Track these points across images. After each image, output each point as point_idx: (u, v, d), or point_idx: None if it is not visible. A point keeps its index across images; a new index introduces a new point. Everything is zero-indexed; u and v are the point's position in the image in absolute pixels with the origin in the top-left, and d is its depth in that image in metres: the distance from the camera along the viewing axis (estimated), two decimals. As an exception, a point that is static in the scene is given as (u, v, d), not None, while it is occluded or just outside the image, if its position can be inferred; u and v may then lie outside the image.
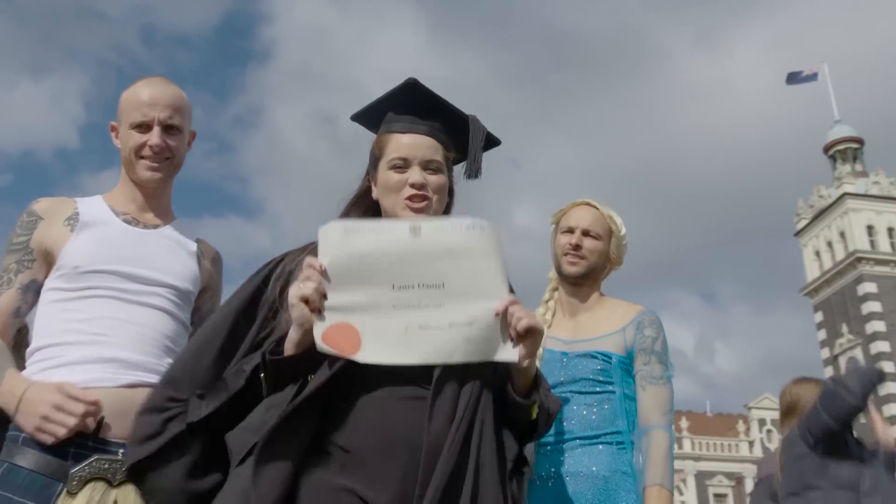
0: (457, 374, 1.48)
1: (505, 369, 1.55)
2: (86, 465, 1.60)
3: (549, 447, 2.25)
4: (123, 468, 1.60)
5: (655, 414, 2.20)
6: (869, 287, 42.99)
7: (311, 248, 1.59)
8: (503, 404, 1.56)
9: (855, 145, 49.21)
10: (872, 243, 44.67)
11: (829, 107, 50.41)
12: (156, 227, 1.88)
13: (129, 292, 1.75)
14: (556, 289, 2.50)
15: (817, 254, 47.27)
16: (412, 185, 1.62)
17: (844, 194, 45.78)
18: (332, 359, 1.46)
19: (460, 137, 1.71)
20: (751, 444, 45.14)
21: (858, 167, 48.39)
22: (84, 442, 1.62)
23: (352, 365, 1.45)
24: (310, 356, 1.46)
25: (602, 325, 2.34)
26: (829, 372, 44.68)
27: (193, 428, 1.52)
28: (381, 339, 1.46)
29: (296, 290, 1.45)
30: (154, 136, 1.82)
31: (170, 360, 1.74)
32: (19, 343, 1.94)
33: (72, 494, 1.59)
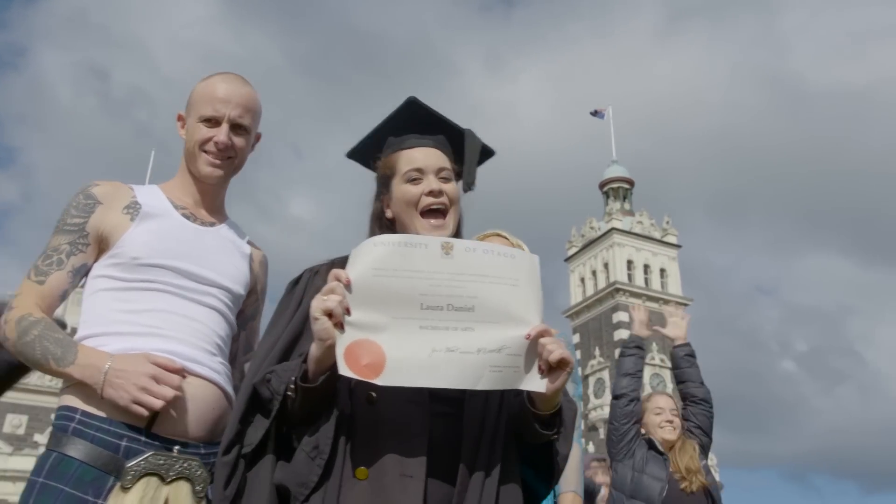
0: (481, 397, 1.49)
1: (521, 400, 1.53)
2: (141, 461, 1.55)
3: None
4: (176, 465, 1.57)
5: None
6: (622, 316, 47.14)
7: (339, 262, 1.55)
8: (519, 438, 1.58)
9: (626, 185, 53.96)
10: (630, 276, 49.09)
11: (609, 146, 54.95)
12: (212, 224, 1.85)
13: (186, 289, 1.73)
14: None
15: (582, 280, 51.16)
16: (430, 193, 1.61)
17: (612, 229, 49.97)
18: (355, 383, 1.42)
19: (458, 151, 1.73)
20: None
21: (627, 206, 53.10)
22: (136, 437, 1.57)
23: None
24: (334, 377, 1.40)
25: None
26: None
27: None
28: (407, 359, 1.40)
29: (318, 303, 1.38)
30: (221, 134, 1.79)
31: (221, 360, 1.75)
32: None
33: (125, 489, 1.52)
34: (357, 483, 1.39)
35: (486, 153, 1.77)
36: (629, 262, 49.57)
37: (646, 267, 49.92)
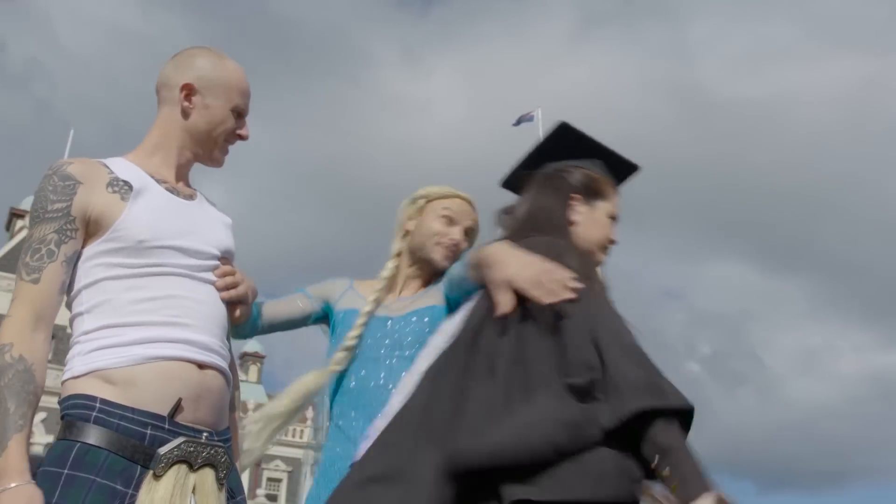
0: None
1: None
2: (174, 448, 1.49)
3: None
4: (204, 452, 1.53)
5: None
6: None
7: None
8: None
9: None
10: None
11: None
12: (191, 197, 1.78)
13: (192, 268, 1.66)
14: (398, 265, 2.26)
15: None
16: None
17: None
18: None
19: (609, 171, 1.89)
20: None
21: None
22: (161, 424, 1.51)
23: None
24: None
25: (429, 293, 2.19)
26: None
27: None
28: None
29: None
30: (247, 129, 1.81)
31: (227, 342, 1.72)
32: None
33: (157, 477, 1.46)
34: None
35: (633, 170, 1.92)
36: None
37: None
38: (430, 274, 2.20)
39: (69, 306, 1.63)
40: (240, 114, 1.79)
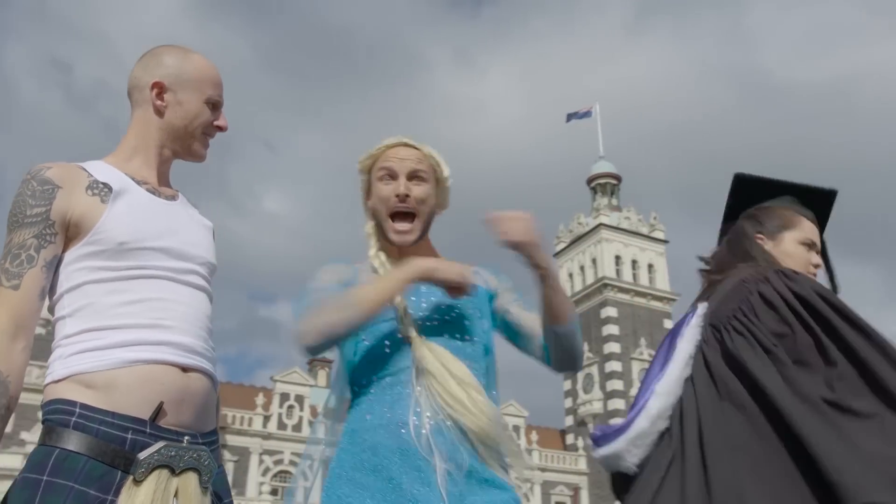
0: None
1: None
2: (154, 452, 1.46)
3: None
4: (186, 456, 1.49)
5: None
6: (610, 311, 47.33)
7: None
8: None
9: (613, 181, 54.14)
10: (618, 272, 49.27)
11: (596, 143, 55.07)
12: (173, 198, 1.76)
13: (176, 271, 1.63)
14: (378, 245, 1.97)
15: (570, 276, 51.28)
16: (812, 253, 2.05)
17: (600, 225, 50.12)
18: None
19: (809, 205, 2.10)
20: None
21: (615, 201, 53.30)
22: (141, 429, 1.48)
23: None
24: None
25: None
26: (567, 386, 48.56)
27: None
28: None
29: None
30: (224, 120, 1.80)
31: (212, 343, 1.67)
32: None
33: (137, 482, 1.43)
34: None
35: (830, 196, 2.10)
36: (617, 258, 49.73)
37: (633, 262, 50.11)
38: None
39: (51, 311, 1.61)
40: (215, 105, 1.78)
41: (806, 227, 2.00)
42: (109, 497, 1.41)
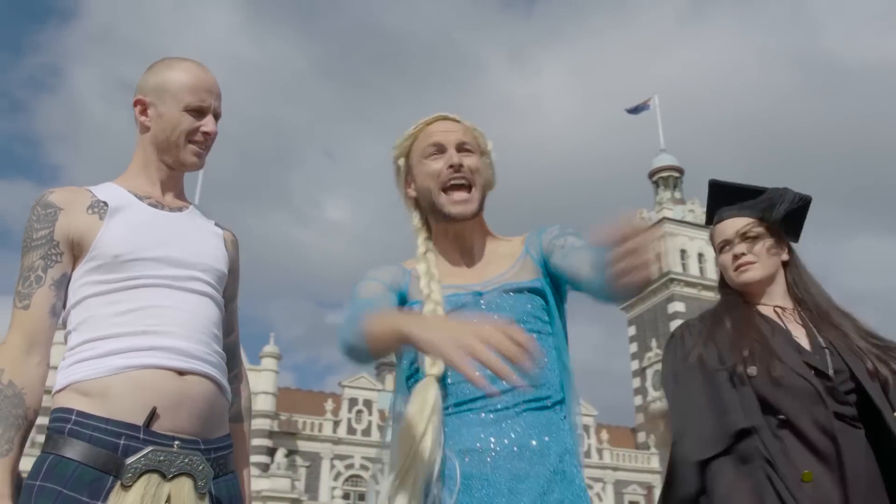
0: None
1: None
2: (141, 457, 1.48)
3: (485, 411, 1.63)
4: (178, 461, 1.51)
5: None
6: (678, 306, 46.45)
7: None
8: None
9: (676, 174, 53.11)
10: (684, 266, 48.34)
11: (657, 136, 54.14)
12: (180, 209, 1.80)
13: (175, 278, 1.66)
14: (428, 238, 1.87)
15: (635, 272, 50.39)
16: None
17: (664, 218, 49.21)
18: None
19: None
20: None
21: (678, 195, 52.28)
22: (135, 434, 1.51)
23: None
24: None
25: (502, 261, 1.81)
26: (636, 383, 47.86)
27: None
28: None
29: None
30: (211, 124, 1.79)
31: (218, 348, 1.69)
32: None
33: (126, 487, 1.46)
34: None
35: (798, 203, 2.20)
36: (682, 252, 48.80)
37: (700, 255, 49.10)
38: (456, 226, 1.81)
39: (64, 326, 1.68)
40: (199, 111, 1.77)
41: (716, 234, 2.29)
42: (99, 502, 1.45)
